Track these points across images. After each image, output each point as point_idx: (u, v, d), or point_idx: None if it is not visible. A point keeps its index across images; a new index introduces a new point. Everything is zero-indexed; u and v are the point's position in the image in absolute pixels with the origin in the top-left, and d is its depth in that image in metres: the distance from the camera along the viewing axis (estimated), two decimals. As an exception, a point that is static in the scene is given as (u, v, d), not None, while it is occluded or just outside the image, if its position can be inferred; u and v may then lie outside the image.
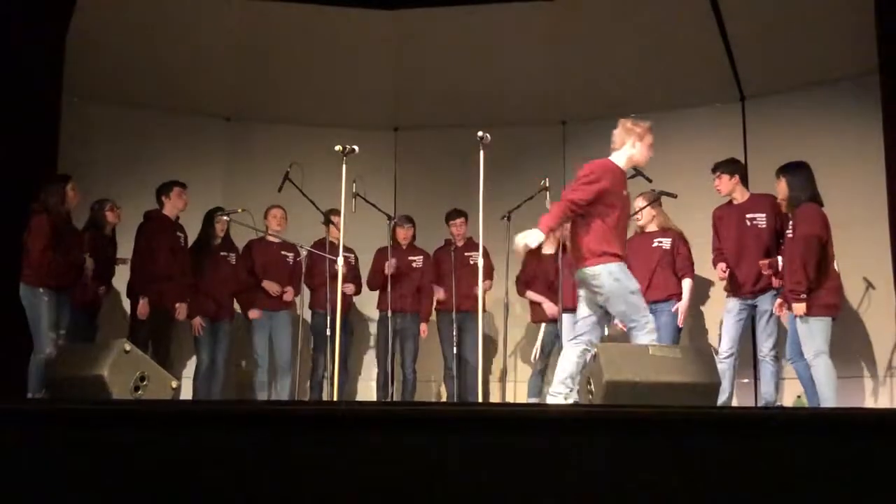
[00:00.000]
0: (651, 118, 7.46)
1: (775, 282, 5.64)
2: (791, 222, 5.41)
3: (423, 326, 7.00)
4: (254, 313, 6.66)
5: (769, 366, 5.67)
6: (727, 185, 5.95)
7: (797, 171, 5.48)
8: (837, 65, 6.68)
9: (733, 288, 5.86)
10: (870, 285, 6.38)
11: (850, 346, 6.50)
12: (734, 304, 5.82)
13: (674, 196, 6.04)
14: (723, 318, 5.94)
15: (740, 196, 5.93)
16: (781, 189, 5.55)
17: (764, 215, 5.78)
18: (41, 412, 3.24)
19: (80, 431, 2.99)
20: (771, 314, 5.67)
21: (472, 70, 7.63)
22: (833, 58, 6.67)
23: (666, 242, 6.17)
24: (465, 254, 6.87)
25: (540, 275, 6.68)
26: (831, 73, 6.76)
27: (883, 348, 6.39)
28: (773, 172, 5.93)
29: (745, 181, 5.96)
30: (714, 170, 6.01)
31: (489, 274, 6.76)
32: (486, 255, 6.72)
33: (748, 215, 5.82)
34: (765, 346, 5.72)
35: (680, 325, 6.02)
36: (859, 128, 6.40)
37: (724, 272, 5.96)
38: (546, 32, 7.44)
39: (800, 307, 5.18)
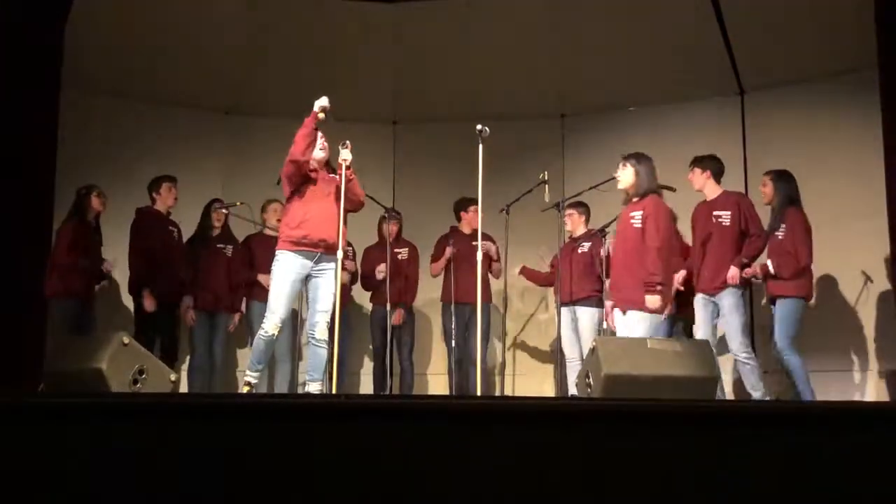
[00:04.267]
0: (650, 112, 7.58)
1: (735, 279, 5.66)
2: (783, 224, 5.58)
3: (398, 312, 6.96)
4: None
5: (745, 364, 5.64)
6: (698, 179, 5.97)
7: (786, 177, 5.67)
8: (836, 59, 6.68)
9: (697, 283, 5.88)
10: (868, 279, 6.40)
11: (849, 340, 6.52)
12: (699, 299, 5.84)
13: (673, 189, 6.04)
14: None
15: (710, 193, 5.94)
16: (767, 192, 5.64)
17: (729, 213, 5.78)
18: (39, 406, 3.24)
19: (79, 425, 2.99)
20: (731, 310, 5.65)
21: (471, 63, 7.61)
22: (832, 52, 6.67)
23: None
24: (473, 243, 6.85)
25: None
26: (830, 68, 6.75)
27: (882, 342, 6.41)
28: (771, 166, 5.95)
29: (717, 178, 5.94)
30: (690, 163, 6.03)
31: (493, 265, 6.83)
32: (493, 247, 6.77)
33: (715, 212, 5.84)
34: (733, 345, 5.69)
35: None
36: (858, 122, 6.40)
37: (680, 283, 6.00)
38: (545, 26, 7.42)
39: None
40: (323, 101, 5.16)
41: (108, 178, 6.71)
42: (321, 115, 5.16)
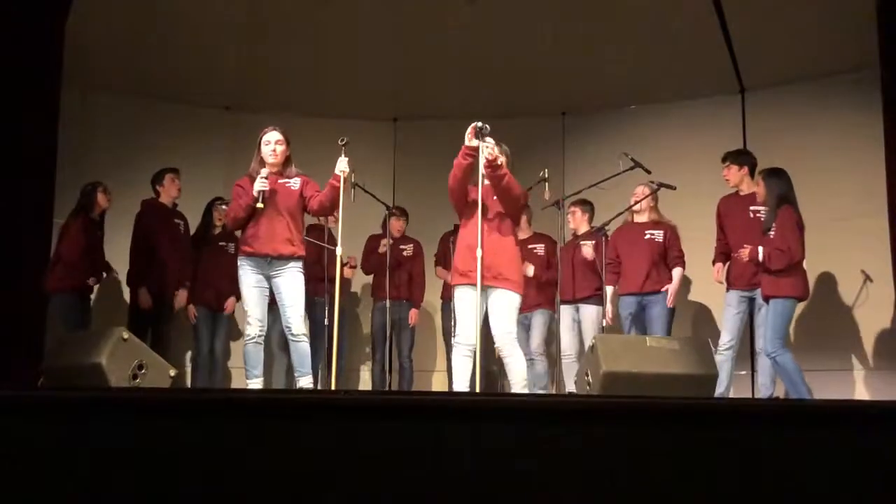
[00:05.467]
0: (651, 110, 7.58)
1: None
2: (774, 224, 5.53)
3: (412, 313, 7.01)
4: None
5: (766, 358, 5.68)
6: (735, 175, 5.97)
7: (778, 174, 5.63)
8: (837, 57, 6.68)
9: (732, 280, 5.89)
10: (867, 278, 6.40)
11: (849, 338, 6.52)
12: (733, 296, 5.85)
13: (673, 188, 6.05)
14: (724, 311, 5.95)
15: (746, 188, 5.94)
16: (760, 192, 5.67)
17: (766, 208, 5.80)
18: (39, 400, 3.25)
19: (79, 420, 2.99)
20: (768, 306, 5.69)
21: (472, 61, 7.61)
22: (833, 50, 6.67)
23: (658, 235, 6.16)
24: None
25: None
26: (831, 66, 6.76)
27: (881, 341, 6.41)
28: (771, 164, 5.94)
29: (752, 173, 5.96)
30: (724, 159, 6.01)
31: None
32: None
33: (752, 207, 5.84)
34: (762, 339, 5.73)
35: (669, 305, 6.00)
36: (859, 120, 6.40)
37: (719, 273, 6.00)
38: (547, 24, 7.41)
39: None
40: (263, 185, 5.12)
41: (110, 174, 6.71)
42: (259, 205, 5.13)
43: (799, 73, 6.92)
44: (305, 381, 5.20)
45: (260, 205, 5.12)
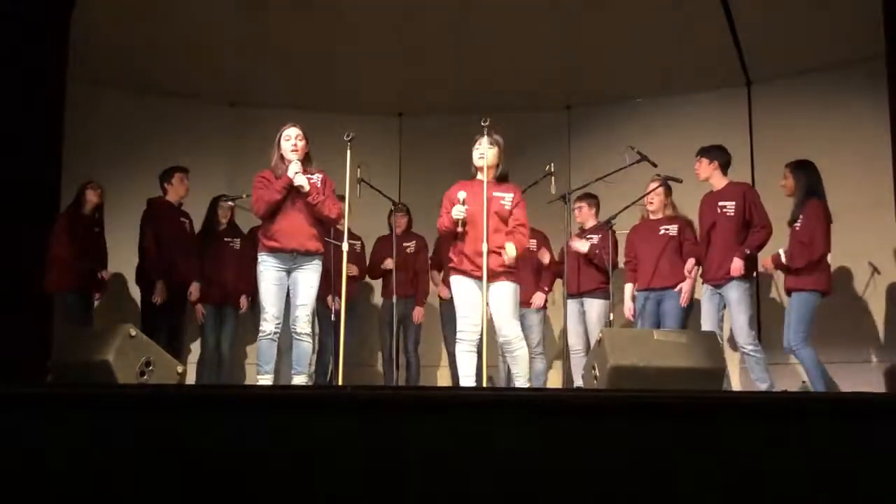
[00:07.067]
0: (656, 103, 7.56)
1: (739, 271, 5.65)
2: (801, 216, 5.58)
3: (417, 310, 7.01)
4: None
5: (751, 356, 5.65)
6: (705, 170, 5.97)
7: (806, 167, 5.67)
8: (844, 49, 6.66)
9: (704, 274, 5.90)
10: (875, 270, 6.39)
11: (856, 330, 6.51)
12: (706, 289, 5.86)
13: (679, 181, 6.04)
14: (702, 304, 5.94)
15: (717, 183, 5.95)
16: (789, 184, 5.68)
17: (733, 203, 5.80)
18: (46, 396, 3.25)
19: (86, 416, 2.99)
20: (737, 303, 5.66)
21: (477, 55, 7.59)
22: (839, 42, 6.64)
23: (673, 229, 6.17)
24: None
25: None
26: (838, 58, 6.73)
27: (888, 333, 6.39)
28: (778, 157, 5.94)
29: (724, 169, 5.95)
30: (697, 153, 6.02)
31: None
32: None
33: (720, 203, 5.86)
34: (740, 338, 5.70)
35: (682, 304, 6.00)
36: (866, 113, 6.38)
37: (689, 271, 6.04)
38: (551, 16, 7.39)
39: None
40: (297, 167, 5.24)
41: (113, 170, 6.73)
42: (301, 184, 5.22)
43: (805, 65, 6.90)
44: (300, 379, 5.25)
45: (305, 185, 5.20)
